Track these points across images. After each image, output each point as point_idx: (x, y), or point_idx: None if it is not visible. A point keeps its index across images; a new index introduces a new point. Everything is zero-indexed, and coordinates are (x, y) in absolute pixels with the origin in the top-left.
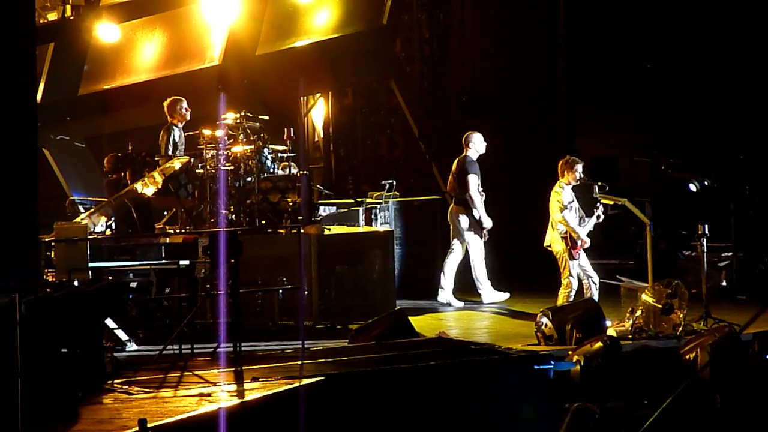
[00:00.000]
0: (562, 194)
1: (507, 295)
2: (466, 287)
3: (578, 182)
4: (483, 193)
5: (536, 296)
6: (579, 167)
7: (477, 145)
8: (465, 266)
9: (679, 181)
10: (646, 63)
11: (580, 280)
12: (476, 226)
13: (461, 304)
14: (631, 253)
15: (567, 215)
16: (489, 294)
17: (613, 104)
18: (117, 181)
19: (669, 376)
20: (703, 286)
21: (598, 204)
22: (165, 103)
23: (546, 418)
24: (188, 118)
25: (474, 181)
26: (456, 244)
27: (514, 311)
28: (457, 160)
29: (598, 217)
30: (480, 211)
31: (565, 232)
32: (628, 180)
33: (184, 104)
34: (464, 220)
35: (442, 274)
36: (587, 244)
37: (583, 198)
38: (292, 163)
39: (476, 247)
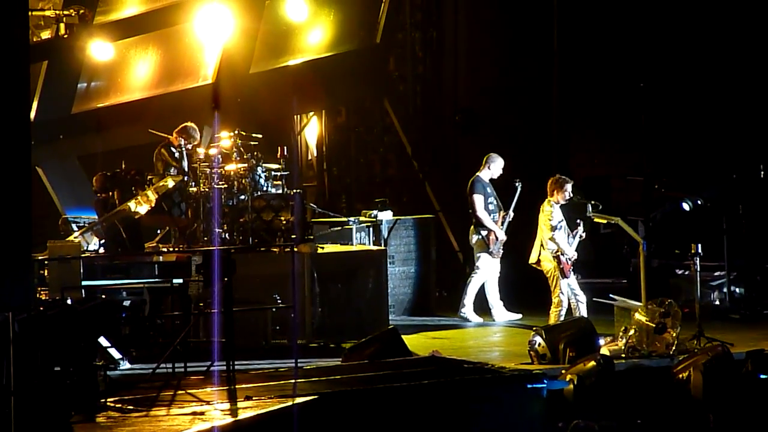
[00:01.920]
0: (552, 213)
1: (519, 315)
2: (477, 306)
3: (567, 201)
4: (499, 210)
5: (530, 314)
6: (568, 186)
7: (493, 167)
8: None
9: (672, 200)
10: (639, 82)
11: (568, 300)
12: (486, 246)
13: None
14: (624, 271)
15: (557, 235)
16: (501, 314)
17: (607, 123)
18: (105, 200)
19: (662, 395)
20: (696, 305)
21: (579, 222)
22: (181, 125)
23: None
24: (190, 147)
25: (479, 200)
26: (479, 263)
27: (507, 329)
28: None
29: (580, 236)
30: (490, 227)
31: (557, 251)
32: (620, 199)
33: (197, 134)
34: (475, 240)
35: (486, 294)
36: (575, 258)
37: (568, 216)
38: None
39: (488, 266)
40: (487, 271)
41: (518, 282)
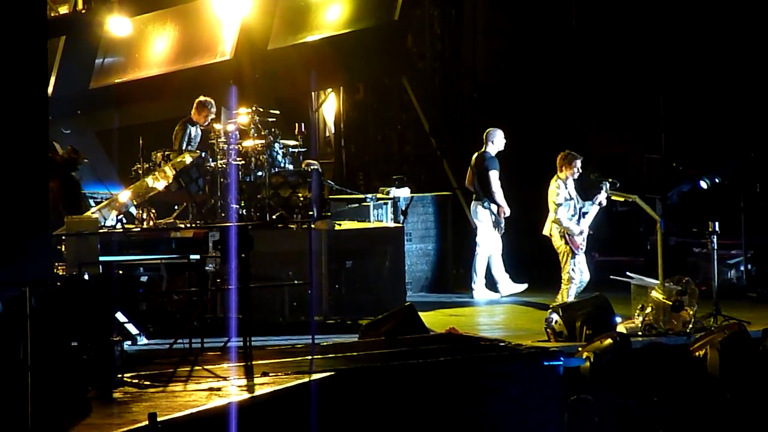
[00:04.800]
0: (559, 191)
1: (525, 285)
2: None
3: (575, 177)
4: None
5: (545, 292)
6: (578, 162)
7: (497, 141)
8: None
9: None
10: (657, 60)
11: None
12: (496, 221)
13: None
14: (641, 249)
15: (560, 213)
16: (507, 287)
17: (625, 101)
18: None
19: (679, 373)
20: (713, 284)
21: (601, 186)
22: (196, 100)
23: (555, 414)
24: (208, 122)
25: (495, 176)
26: (480, 239)
27: (524, 307)
28: (475, 155)
29: (600, 203)
30: (501, 204)
31: (562, 230)
32: (638, 177)
33: (214, 109)
34: (484, 215)
35: (491, 269)
36: (586, 233)
37: (583, 190)
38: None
39: (494, 242)
40: (489, 246)
41: (528, 256)
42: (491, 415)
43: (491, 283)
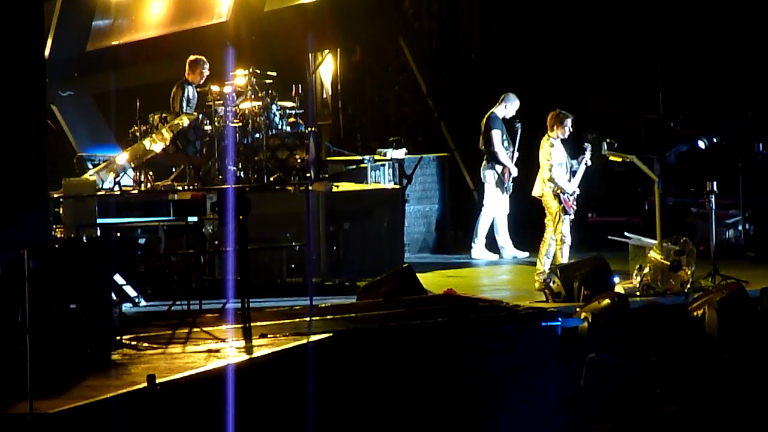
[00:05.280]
0: (552, 151)
1: (527, 254)
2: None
3: (565, 137)
4: (511, 146)
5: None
6: (568, 122)
7: (508, 106)
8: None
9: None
10: (654, 20)
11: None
12: (500, 182)
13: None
14: (639, 210)
15: (555, 173)
16: (509, 252)
17: (622, 61)
18: None
19: (677, 333)
20: (711, 243)
21: (585, 147)
22: (188, 60)
23: (553, 375)
24: (204, 79)
25: (497, 135)
26: (486, 200)
27: (522, 268)
28: (485, 117)
29: (585, 163)
30: (506, 163)
31: (557, 189)
32: (636, 137)
33: (206, 66)
34: (489, 176)
35: (495, 233)
36: (577, 194)
37: (571, 149)
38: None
39: (500, 203)
40: (496, 207)
41: (525, 220)
42: (489, 375)
43: (493, 247)
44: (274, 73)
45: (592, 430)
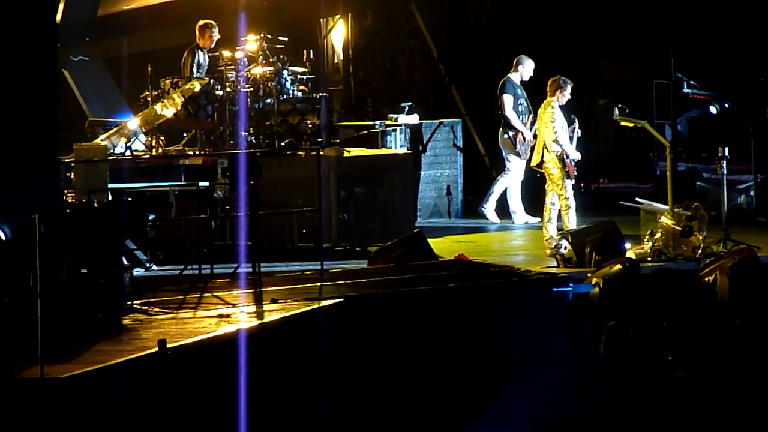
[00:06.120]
0: (554, 115)
1: (538, 219)
2: (498, 208)
3: (564, 103)
4: (529, 112)
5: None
6: (569, 88)
7: (523, 69)
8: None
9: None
10: None
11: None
12: (513, 146)
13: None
14: (650, 175)
15: (560, 136)
16: (521, 218)
17: (634, 26)
18: None
19: (688, 298)
20: (723, 209)
21: (573, 118)
22: (197, 25)
23: (564, 340)
24: (215, 43)
25: (509, 100)
26: (508, 164)
27: (532, 233)
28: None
29: (577, 133)
30: (518, 128)
31: (561, 153)
32: (647, 103)
33: (216, 30)
34: (503, 141)
35: (507, 198)
36: (578, 158)
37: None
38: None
39: (515, 168)
40: (516, 173)
41: (539, 186)
42: (500, 341)
43: (504, 212)
44: (286, 39)
45: (607, 399)
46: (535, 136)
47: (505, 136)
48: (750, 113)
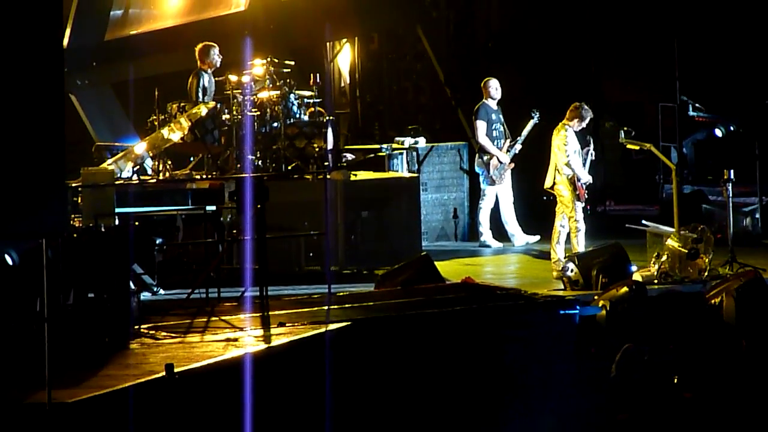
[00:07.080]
0: (567, 138)
1: (537, 237)
2: (496, 232)
3: (578, 130)
4: (505, 137)
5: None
6: (588, 119)
7: (490, 91)
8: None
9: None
10: (671, 7)
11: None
12: (483, 172)
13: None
14: (656, 198)
15: (573, 159)
16: (520, 239)
17: (639, 49)
18: None
19: (694, 320)
20: (729, 231)
21: (589, 140)
22: (197, 48)
23: (571, 363)
24: (218, 65)
25: (481, 126)
26: (484, 190)
27: (539, 256)
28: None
29: (591, 154)
30: (493, 152)
31: (572, 176)
32: (653, 125)
33: (216, 51)
34: (479, 166)
35: (504, 223)
36: (589, 182)
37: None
38: (320, 109)
39: (502, 192)
40: (491, 198)
41: (542, 205)
42: (507, 364)
43: (503, 236)
44: (292, 62)
45: (613, 420)
46: (512, 160)
47: (480, 160)
48: (756, 135)
